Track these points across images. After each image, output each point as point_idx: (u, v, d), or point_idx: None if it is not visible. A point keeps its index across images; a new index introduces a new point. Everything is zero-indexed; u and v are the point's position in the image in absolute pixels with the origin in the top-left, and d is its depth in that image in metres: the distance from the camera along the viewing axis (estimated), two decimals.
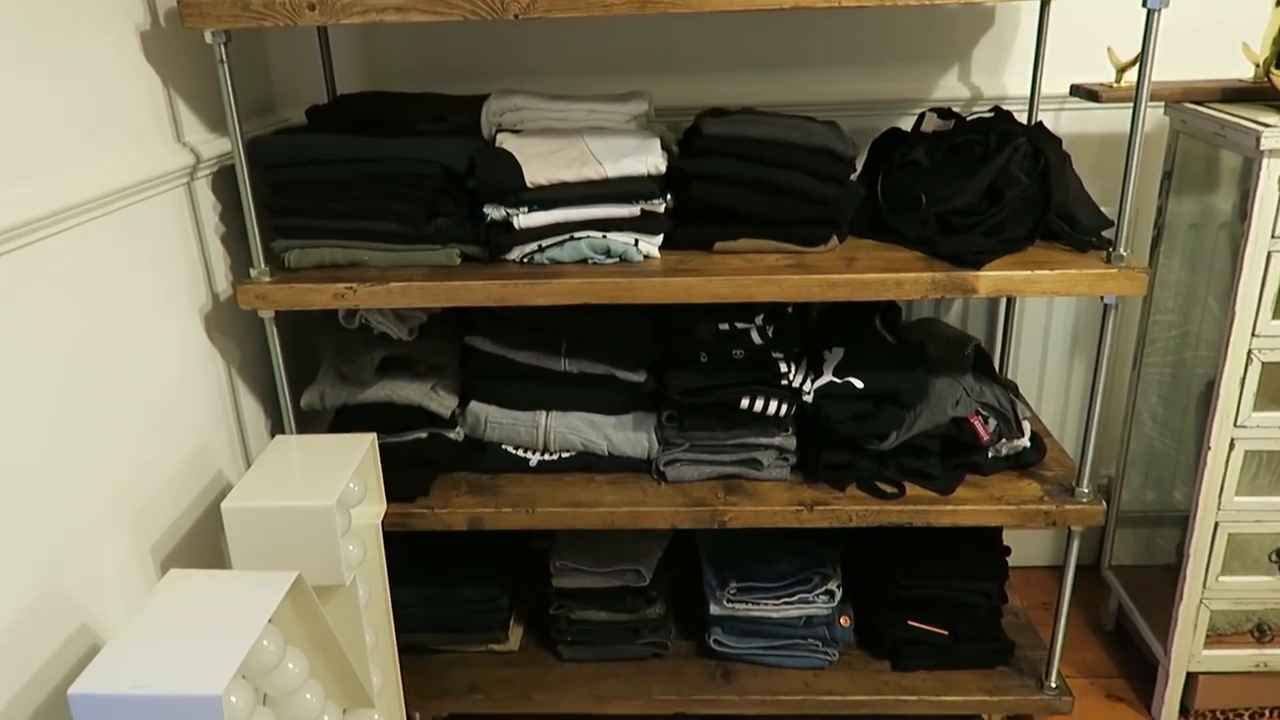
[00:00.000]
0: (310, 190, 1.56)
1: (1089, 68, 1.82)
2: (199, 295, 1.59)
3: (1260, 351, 1.57)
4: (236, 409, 1.70)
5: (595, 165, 1.53)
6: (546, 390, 1.72)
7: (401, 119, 1.71)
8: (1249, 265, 1.53)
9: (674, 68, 1.95)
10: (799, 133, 1.55)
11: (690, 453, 1.70)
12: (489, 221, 1.56)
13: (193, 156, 1.54)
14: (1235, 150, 1.56)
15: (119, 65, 1.40)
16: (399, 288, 1.52)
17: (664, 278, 1.50)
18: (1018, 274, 1.48)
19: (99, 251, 1.33)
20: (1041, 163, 1.58)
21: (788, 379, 1.65)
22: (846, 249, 1.60)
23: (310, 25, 1.42)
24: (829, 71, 1.95)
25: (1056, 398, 2.13)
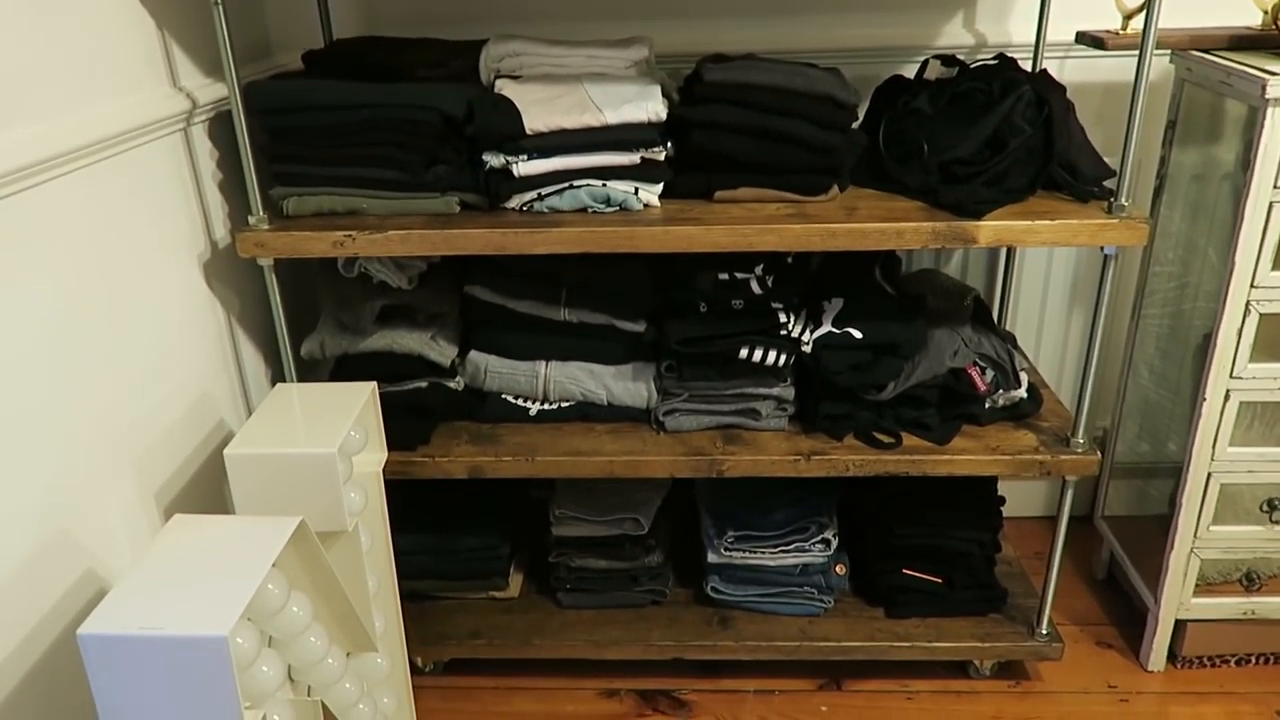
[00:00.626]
0: (308, 137, 1.55)
1: (1095, 14, 1.79)
2: (198, 242, 1.58)
3: (1259, 303, 1.58)
4: (237, 357, 1.70)
5: (595, 112, 1.52)
6: (546, 340, 1.72)
7: (399, 65, 1.69)
8: (1250, 216, 1.52)
9: (675, 13, 1.92)
10: (801, 79, 1.54)
11: (689, 403, 1.71)
12: (488, 169, 1.55)
13: (189, 102, 1.52)
14: (1240, 99, 1.55)
15: (112, 7, 1.37)
16: (398, 236, 1.51)
17: (664, 226, 1.50)
18: (1018, 224, 1.47)
19: (96, 197, 1.32)
20: (1045, 111, 1.56)
21: (787, 329, 1.65)
22: (847, 198, 1.60)
23: None
24: (832, 18, 1.92)
25: (1054, 348, 2.14)
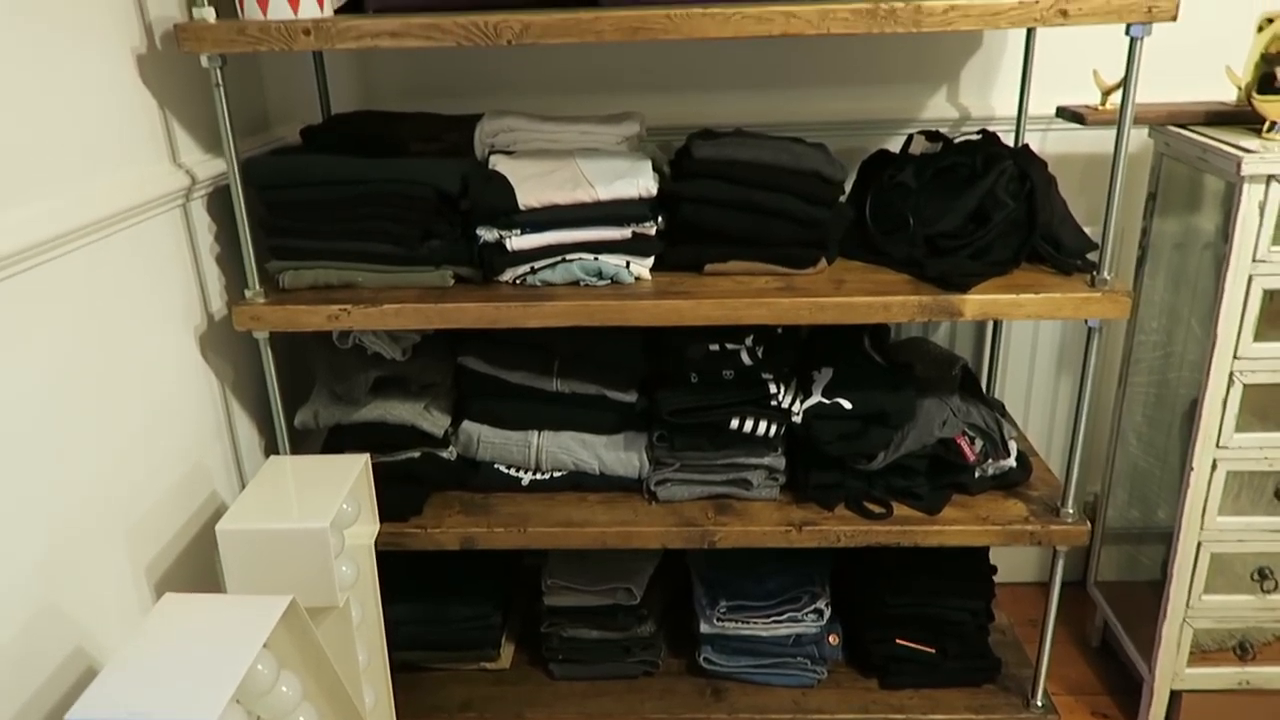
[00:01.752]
0: (305, 211, 1.58)
1: (1075, 88, 1.84)
2: (194, 315, 1.60)
3: (1242, 373, 1.60)
4: (231, 428, 1.70)
5: (587, 188, 1.55)
6: (538, 410, 1.73)
7: (395, 138, 1.72)
8: (1230, 288, 1.55)
9: (665, 87, 1.97)
10: (788, 156, 1.57)
11: (681, 472, 1.72)
12: (482, 243, 1.58)
13: (189, 178, 1.55)
14: (1217, 174, 1.59)
15: (116, 88, 1.41)
16: (393, 309, 1.53)
17: (655, 300, 1.52)
18: (1003, 297, 1.50)
19: (95, 274, 1.34)
20: (1027, 185, 1.60)
21: (777, 399, 1.67)
22: (835, 270, 1.62)
23: (306, 50, 1.43)
24: (818, 91, 1.97)
25: (1043, 415, 2.15)
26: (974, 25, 1.35)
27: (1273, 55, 1.55)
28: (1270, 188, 1.49)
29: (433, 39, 1.37)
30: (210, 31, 1.38)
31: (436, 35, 1.37)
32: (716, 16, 1.35)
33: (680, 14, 1.35)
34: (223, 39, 1.39)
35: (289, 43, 1.38)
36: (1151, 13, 1.33)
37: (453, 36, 1.37)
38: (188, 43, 1.39)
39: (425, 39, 1.37)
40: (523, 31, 1.36)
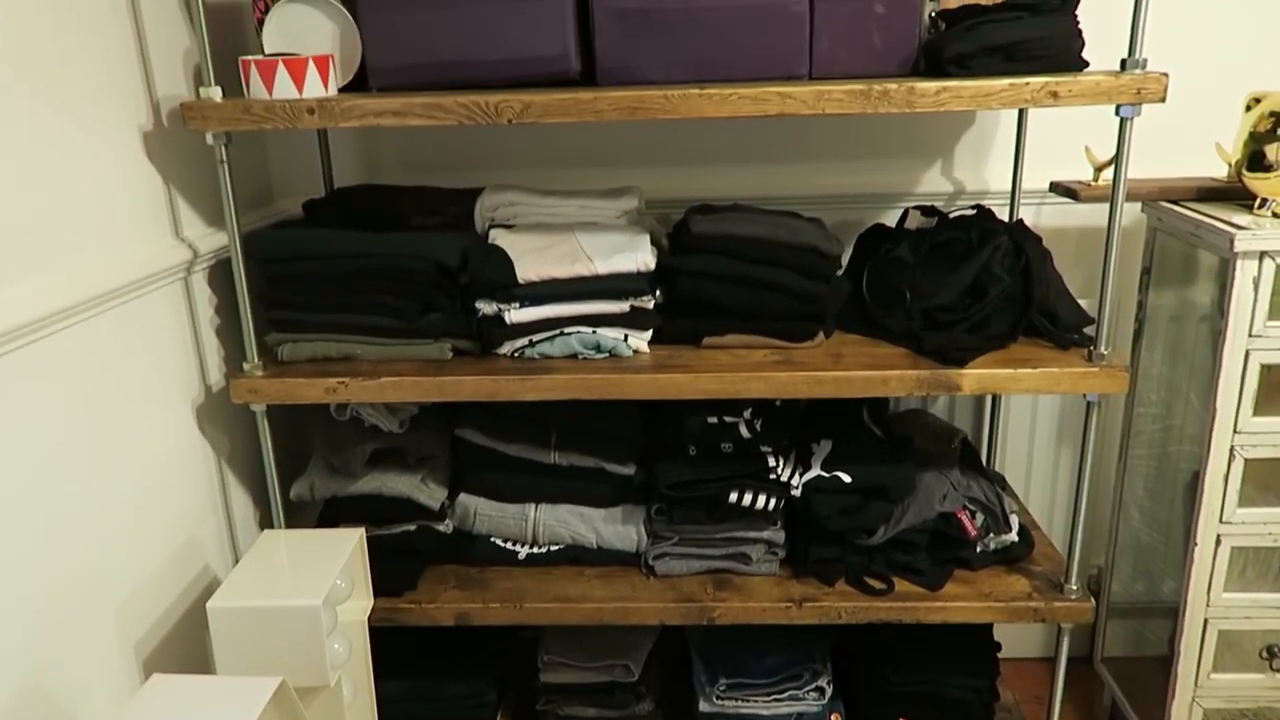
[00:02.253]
0: (305, 284, 1.59)
1: (1068, 163, 1.87)
2: (191, 387, 1.60)
3: (1243, 448, 1.59)
4: (225, 501, 1.69)
5: (586, 262, 1.56)
6: (536, 482, 1.72)
7: (397, 212, 1.74)
8: (1228, 362, 1.55)
9: (664, 161, 1.99)
10: (785, 231, 1.59)
11: (679, 546, 1.70)
12: (481, 316, 1.59)
13: (190, 252, 1.56)
14: (1211, 250, 1.60)
15: (122, 164, 1.43)
16: (390, 383, 1.53)
17: (653, 374, 1.52)
18: (1001, 372, 1.50)
19: (94, 347, 1.34)
20: (1023, 260, 1.61)
21: (776, 473, 1.65)
22: (833, 344, 1.63)
23: (310, 128, 1.46)
24: (814, 166, 1.99)
25: (1044, 486, 2.14)
26: (966, 106, 1.37)
27: (1261, 134, 1.58)
28: (1263, 264, 1.50)
29: (435, 118, 1.40)
30: (216, 110, 1.41)
31: (439, 114, 1.39)
32: (714, 97, 1.37)
33: (678, 94, 1.37)
34: (228, 117, 1.41)
35: (293, 121, 1.41)
36: (1140, 94, 1.36)
37: (454, 115, 1.39)
38: (194, 121, 1.42)
39: (427, 118, 1.40)
40: (523, 111, 1.39)
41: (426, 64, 1.48)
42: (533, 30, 1.44)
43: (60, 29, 1.30)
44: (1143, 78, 1.35)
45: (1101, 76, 1.36)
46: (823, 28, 1.46)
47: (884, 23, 1.46)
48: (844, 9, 1.45)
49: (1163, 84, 1.35)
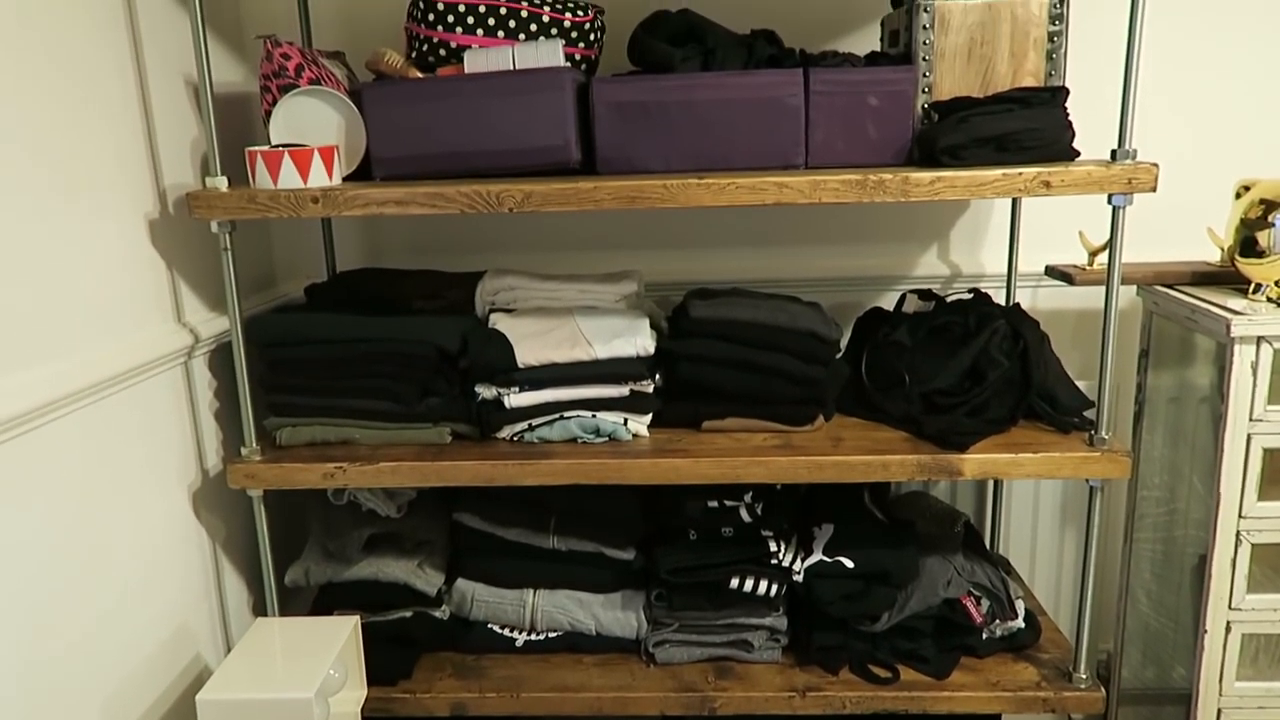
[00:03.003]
0: (305, 369, 1.59)
1: (1063, 246, 1.88)
2: (188, 472, 1.59)
3: (1249, 533, 1.57)
4: (219, 586, 1.67)
5: (585, 346, 1.57)
6: (534, 567, 1.70)
7: (398, 296, 1.75)
8: (1229, 447, 1.55)
9: (663, 244, 2.02)
10: (784, 315, 1.60)
11: (680, 633, 1.67)
12: (480, 400, 1.59)
13: (192, 337, 1.57)
14: (1208, 335, 1.61)
15: (127, 251, 1.44)
16: (389, 468, 1.52)
17: (653, 459, 1.51)
18: (1002, 457, 1.49)
19: (92, 434, 1.34)
20: (1020, 344, 1.62)
21: (777, 558, 1.64)
22: (833, 428, 1.62)
23: (314, 217, 1.48)
24: (812, 249, 2.02)
25: (1049, 569, 2.11)
26: (960, 196, 1.39)
27: (1252, 220, 1.60)
28: (1261, 348, 1.51)
29: (437, 207, 1.42)
30: (221, 200, 1.43)
31: (441, 204, 1.42)
32: (711, 186, 1.39)
33: (676, 184, 1.39)
34: (233, 206, 1.43)
35: (297, 210, 1.43)
36: (1131, 184, 1.38)
37: (456, 205, 1.41)
38: (199, 210, 1.44)
39: (430, 207, 1.42)
40: (524, 200, 1.41)
41: (429, 154, 1.50)
42: (534, 121, 1.47)
43: (75, 116, 1.33)
44: (1133, 168, 1.37)
45: (1093, 167, 1.38)
46: (818, 119, 1.49)
47: (878, 114, 1.49)
48: (839, 102, 1.48)
49: (1153, 174, 1.37)
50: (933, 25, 1.50)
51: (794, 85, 1.47)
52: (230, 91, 1.73)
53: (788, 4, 1.87)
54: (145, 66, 1.48)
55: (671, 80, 1.48)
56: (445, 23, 1.54)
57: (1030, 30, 1.50)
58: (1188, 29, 1.86)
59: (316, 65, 1.56)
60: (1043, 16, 1.50)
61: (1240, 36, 1.86)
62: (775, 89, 1.47)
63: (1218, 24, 1.86)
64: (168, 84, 1.54)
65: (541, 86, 1.47)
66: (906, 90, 1.49)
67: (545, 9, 1.55)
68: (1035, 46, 1.51)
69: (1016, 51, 1.51)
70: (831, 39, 1.89)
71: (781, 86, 1.47)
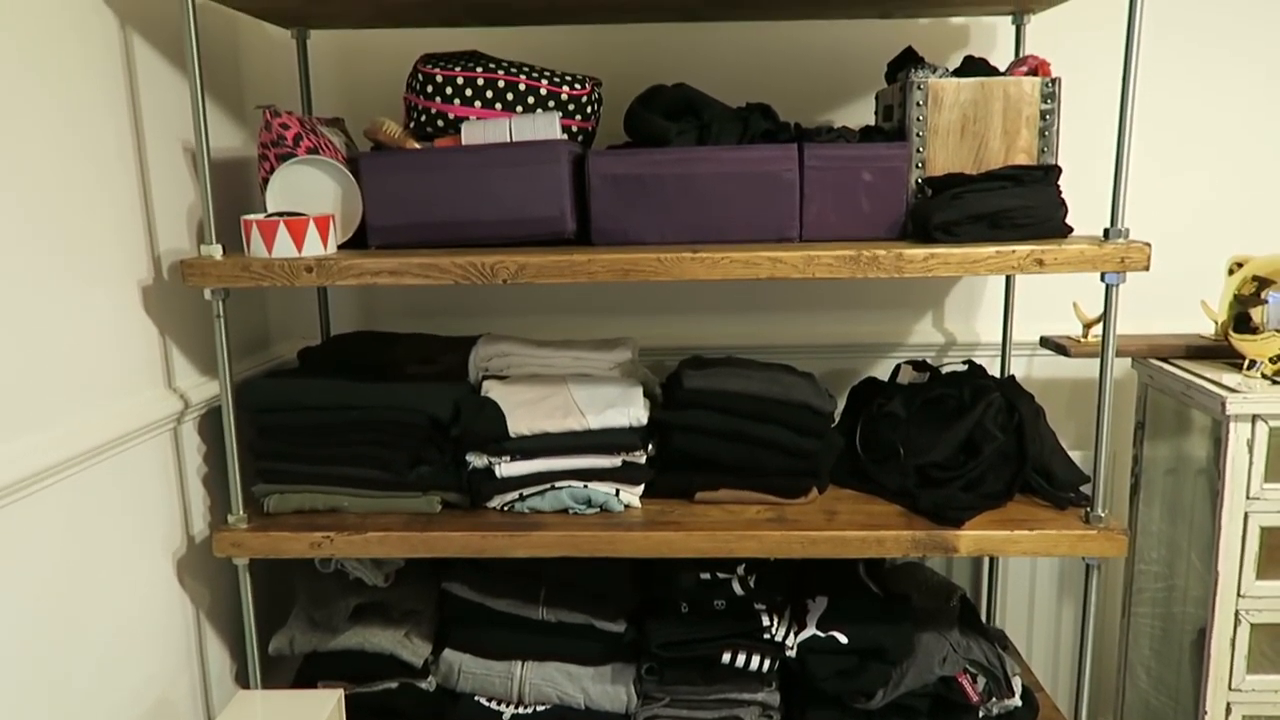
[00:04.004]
0: (296, 435, 1.58)
1: (1058, 315, 1.89)
2: (174, 539, 1.57)
3: (1248, 612, 1.55)
4: (202, 656, 1.64)
5: (578, 416, 1.56)
6: (523, 639, 1.67)
7: (391, 360, 1.74)
8: (1227, 525, 1.53)
9: (658, 310, 2.02)
10: (778, 387, 1.59)
11: (671, 708, 1.64)
12: (471, 469, 1.57)
13: (181, 402, 1.56)
14: (1203, 410, 1.60)
15: (120, 318, 1.44)
16: (376, 537, 1.51)
17: (644, 531, 1.50)
18: (997, 534, 1.48)
19: (77, 502, 1.32)
20: (1016, 418, 1.61)
21: (770, 632, 1.61)
22: (827, 500, 1.61)
23: (308, 285, 1.48)
24: (807, 316, 2.02)
25: (1047, 643, 2.08)
26: (953, 272, 1.39)
27: (1245, 296, 1.60)
28: (1256, 426, 1.50)
29: (431, 278, 1.42)
30: (215, 268, 1.43)
31: (435, 274, 1.42)
32: (705, 260, 1.40)
33: (670, 257, 1.40)
34: (227, 275, 1.43)
35: (291, 279, 1.43)
36: (1124, 263, 1.38)
37: (451, 276, 1.41)
38: (193, 278, 1.44)
39: (424, 278, 1.42)
40: (518, 272, 1.41)
41: (425, 223, 1.51)
42: (530, 192, 1.48)
43: (72, 180, 1.33)
44: (1126, 247, 1.38)
45: (1086, 245, 1.39)
46: (813, 194, 1.50)
47: (872, 189, 1.50)
48: (833, 177, 1.49)
49: (1145, 253, 1.38)
50: (926, 102, 1.52)
51: (789, 160, 1.49)
52: (229, 157, 1.74)
53: (784, 77, 1.89)
54: (144, 132, 1.49)
55: (667, 154, 1.49)
56: (444, 95, 1.56)
57: (1022, 108, 1.52)
58: (1181, 103, 1.88)
59: (315, 134, 1.57)
60: (1035, 95, 1.51)
61: (1233, 114, 1.88)
62: (770, 164, 1.48)
63: (1211, 99, 1.88)
64: (166, 149, 1.55)
65: (538, 159, 1.47)
66: (900, 166, 1.50)
67: (543, 82, 1.57)
68: (1028, 124, 1.53)
69: (1009, 129, 1.53)
70: (827, 110, 1.91)
71: (776, 161, 1.48)
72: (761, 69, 1.89)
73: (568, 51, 1.87)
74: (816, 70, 1.90)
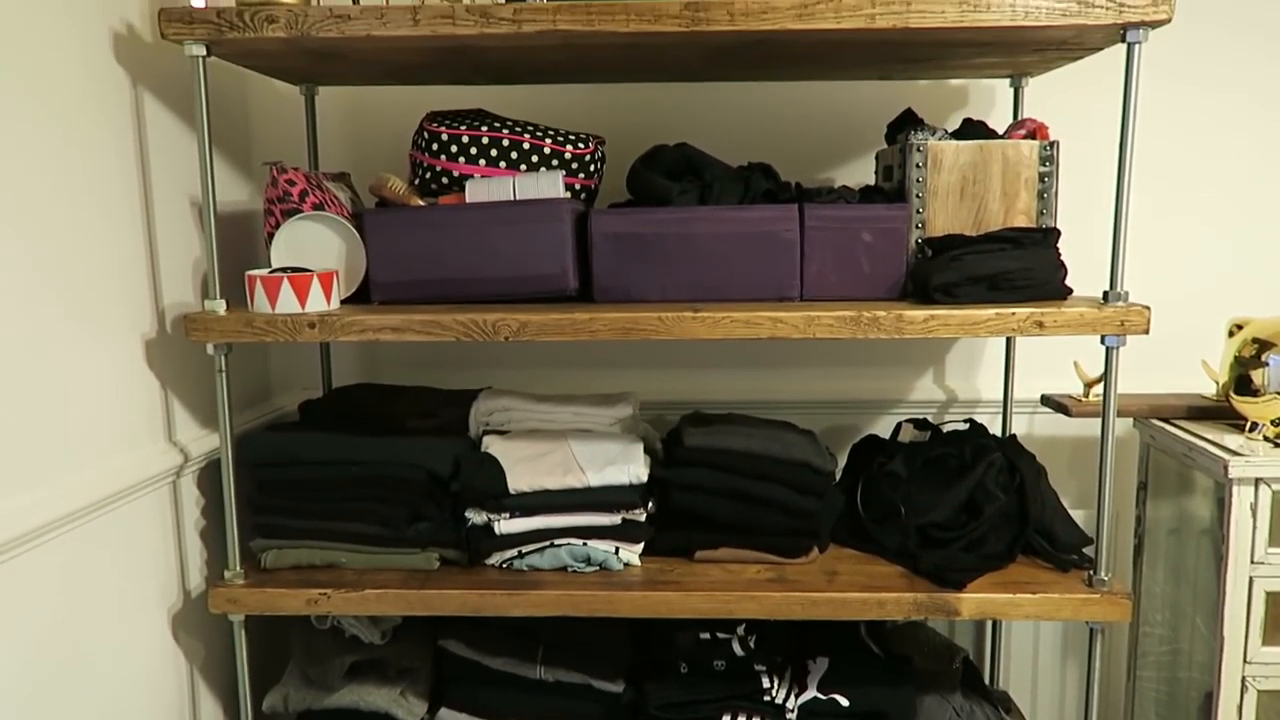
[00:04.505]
0: (294, 490, 1.57)
1: (1059, 372, 1.88)
2: (170, 594, 1.55)
3: (1255, 679, 1.53)
4: (194, 712, 1.62)
5: (579, 473, 1.55)
6: (520, 699, 1.65)
7: (393, 413, 1.74)
8: (1232, 590, 1.52)
9: (660, 363, 2.02)
10: (778, 446, 1.59)
11: None
12: (470, 525, 1.56)
13: (181, 456, 1.56)
14: (1206, 474, 1.60)
15: (122, 372, 1.44)
16: (374, 595, 1.49)
17: (643, 591, 1.49)
18: (999, 597, 1.46)
19: (74, 559, 1.32)
20: (1017, 479, 1.60)
21: (770, 694, 1.59)
22: (828, 560, 1.60)
23: (311, 341, 1.48)
24: (808, 371, 2.02)
25: (1051, 705, 2.05)
26: (953, 334, 1.40)
27: (1245, 359, 1.60)
28: (1259, 490, 1.49)
29: (433, 335, 1.42)
30: (218, 323, 1.44)
31: (437, 331, 1.42)
32: (706, 320, 1.40)
33: (672, 316, 1.40)
34: (230, 330, 1.44)
35: (293, 335, 1.43)
36: (1124, 326, 1.39)
37: (452, 333, 1.42)
38: (196, 333, 1.44)
39: (425, 335, 1.42)
40: (519, 330, 1.41)
41: (428, 279, 1.52)
42: (532, 250, 1.49)
43: (79, 232, 1.35)
44: (1125, 310, 1.38)
45: (1085, 308, 1.39)
46: (813, 254, 1.50)
47: (872, 250, 1.51)
48: (833, 237, 1.50)
49: (1145, 317, 1.38)
50: (926, 164, 1.53)
51: (789, 220, 1.50)
52: (236, 209, 1.76)
53: (784, 136, 1.92)
54: (152, 185, 1.51)
55: (668, 213, 1.51)
56: (449, 153, 1.58)
57: (1021, 171, 1.53)
58: (1180, 161, 1.90)
59: (321, 189, 1.59)
60: (1033, 158, 1.53)
61: (1233, 174, 1.90)
62: (771, 224, 1.50)
63: (1210, 159, 1.90)
64: (174, 203, 1.57)
65: (540, 217, 1.49)
66: (900, 228, 1.51)
67: (547, 141, 1.59)
68: (1026, 186, 1.54)
69: (1008, 191, 1.54)
70: (827, 169, 1.93)
71: (777, 221, 1.50)
72: (762, 128, 1.92)
73: (573, 109, 1.90)
74: (817, 130, 1.92)
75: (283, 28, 1.34)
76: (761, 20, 1.33)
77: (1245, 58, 1.86)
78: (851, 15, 1.32)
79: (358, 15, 1.35)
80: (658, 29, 1.33)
